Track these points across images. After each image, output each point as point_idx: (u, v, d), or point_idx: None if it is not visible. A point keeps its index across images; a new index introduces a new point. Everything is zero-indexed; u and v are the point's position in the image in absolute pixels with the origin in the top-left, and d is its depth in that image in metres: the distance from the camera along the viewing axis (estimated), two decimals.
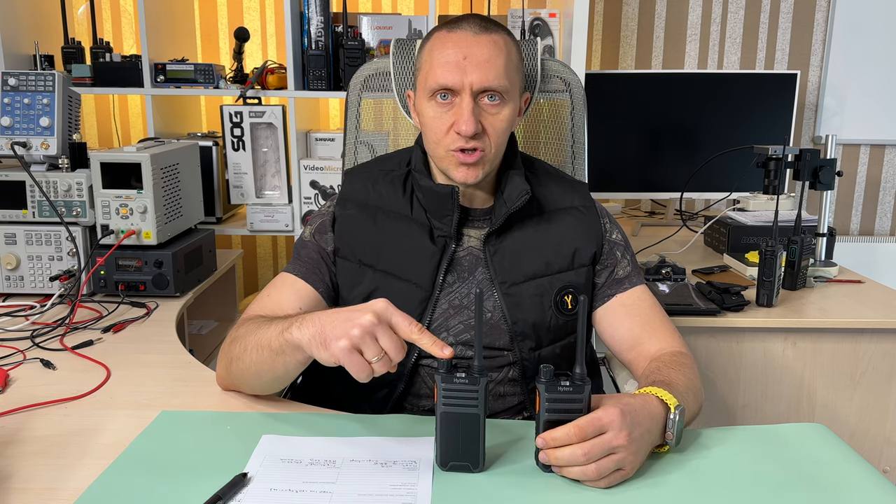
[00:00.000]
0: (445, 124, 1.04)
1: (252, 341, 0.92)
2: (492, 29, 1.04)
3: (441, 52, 1.03)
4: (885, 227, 2.69)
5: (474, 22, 1.04)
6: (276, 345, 0.87)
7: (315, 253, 1.12)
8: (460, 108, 1.02)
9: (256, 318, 0.98)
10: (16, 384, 1.09)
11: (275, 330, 0.88)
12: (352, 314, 0.79)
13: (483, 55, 1.02)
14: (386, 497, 0.76)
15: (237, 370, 0.97)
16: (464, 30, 1.03)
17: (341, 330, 0.78)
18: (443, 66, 1.02)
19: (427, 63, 1.05)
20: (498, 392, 1.10)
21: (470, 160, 1.04)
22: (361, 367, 0.78)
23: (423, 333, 0.79)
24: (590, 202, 1.18)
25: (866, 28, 2.50)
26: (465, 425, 0.80)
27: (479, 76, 1.01)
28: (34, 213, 1.51)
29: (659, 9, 2.53)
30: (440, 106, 1.04)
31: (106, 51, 2.00)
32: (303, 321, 0.84)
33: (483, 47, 1.02)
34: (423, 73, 1.06)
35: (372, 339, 0.78)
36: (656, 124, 2.26)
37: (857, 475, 0.83)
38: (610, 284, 1.14)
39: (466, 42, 1.02)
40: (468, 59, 1.01)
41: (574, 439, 0.78)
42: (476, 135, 1.02)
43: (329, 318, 0.81)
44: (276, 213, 2.01)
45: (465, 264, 1.11)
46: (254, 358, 0.92)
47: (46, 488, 0.80)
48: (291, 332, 0.84)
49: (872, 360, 1.57)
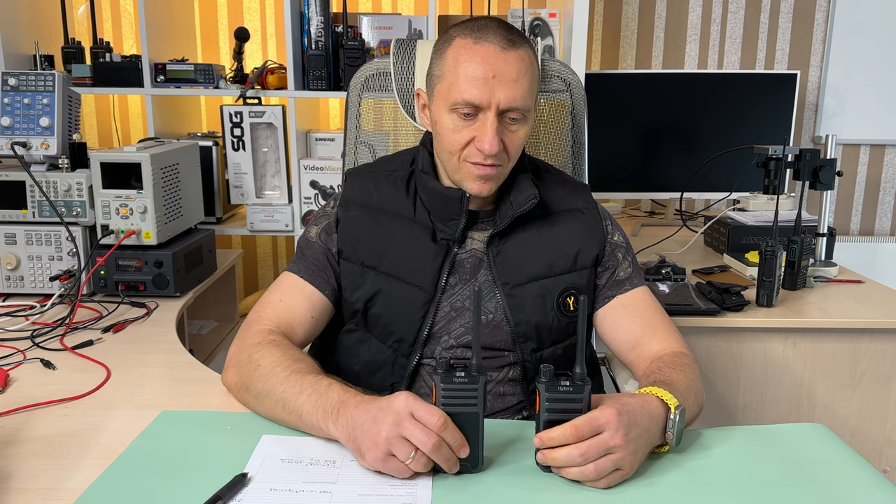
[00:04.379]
0: (465, 138, 1.02)
1: (279, 393, 0.90)
2: (517, 42, 1.01)
3: (468, 66, 1.00)
4: (885, 227, 2.69)
5: (500, 33, 1.01)
6: (307, 421, 0.87)
7: (321, 254, 1.12)
8: (484, 125, 1.00)
9: (281, 355, 0.96)
10: (16, 384, 1.09)
11: (307, 403, 0.87)
12: (378, 415, 0.79)
13: (511, 74, 0.99)
14: (386, 497, 0.76)
15: (254, 406, 0.96)
16: (491, 42, 1.00)
17: (371, 441, 0.78)
18: (469, 82, 0.99)
19: (451, 73, 1.02)
20: (498, 391, 1.10)
21: (489, 174, 1.03)
22: (400, 470, 0.78)
23: (447, 428, 0.78)
24: (592, 204, 1.18)
25: (866, 28, 2.50)
26: (464, 425, 0.80)
27: (506, 96, 0.99)
28: (34, 213, 1.51)
29: (659, 9, 2.53)
30: (461, 120, 1.02)
31: (106, 51, 2.00)
32: (337, 417, 0.83)
33: (512, 65, 0.99)
34: (446, 83, 1.03)
35: (400, 440, 0.77)
36: (656, 124, 2.26)
37: (857, 475, 0.83)
38: (611, 286, 1.14)
39: (495, 58, 0.99)
40: (497, 78, 0.99)
41: (570, 439, 0.78)
42: (497, 153, 1.01)
43: (359, 421, 0.81)
44: (276, 213, 2.01)
45: (468, 266, 1.11)
46: (278, 412, 0.91)
47: (46, 488, 0.80)
48: (328, 425, 0.84)
49: (872, 360, 1.57)
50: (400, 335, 1.09)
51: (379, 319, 1.09)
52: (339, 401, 0.85)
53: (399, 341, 1.09)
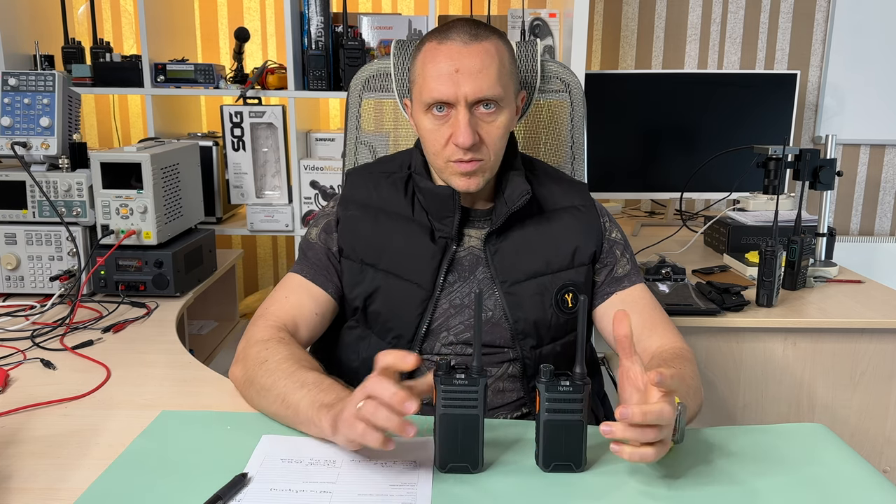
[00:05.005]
0: (443, 136, 1.04)
1: (280, 388, 0.91)
2: (482, 36, 1.03)
3: (433, 66, 1.03)
4: (885, 227, 2.69)
5: (464, 30, 1.03)
6: (303, 416, 0.87)
7: (322, 255, 1.13)
8: (457, 120, 1.02)
9: (287, 352, 0.96)
10: (16, 384, 1.09)
11: (305, 399, 0.87)
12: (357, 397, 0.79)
13: (475, 65, 1.01)
14: (386, 497, 0.77)
15: (257, 401, 0.96)
16: (453, 40, 1.03)
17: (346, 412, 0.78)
18: (436, 80, 1.02)
19: (420, 76, 1.06)
20: (497, 387, 1.11)
21: (469, 169, 1.05)
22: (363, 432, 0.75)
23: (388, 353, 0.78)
24: (589, 201, 1.19)
25: (866, 28, 2.50)
26: (464, 426, 0.80)
27: (472, 87, 1.01)
28: (34, 213, 1.51)
29: (659, 9, 2.53)
30: (437, 119, 1.04)
31: (106, 51, 2.00)
32: (330, 409, 0.83)
33: (474, 57, 1.02)
34: (418, 86, 1.06)
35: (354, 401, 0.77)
36: (656, 124, 2.26)
37: (857, 475, 0.83)
38: (609, 282, 1.15)
39: (458, 53, 1.02)
40: (461, 72, 1.01)
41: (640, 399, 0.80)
42: (474, 145, 1.03)
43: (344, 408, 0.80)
44: (276, 213, 2.01)
45: (466, 264, 1.11)
46: (276, 407, 0.91)
47: (46, 488, 0.80)
48: (321, 418, 0.84)
49: (872, 360, 1.57)
50: (399, 332, 1.10)
51: (378, 316, 1.10)
52: (337, 398, 0.85)
53: (398, 338, 1.10)
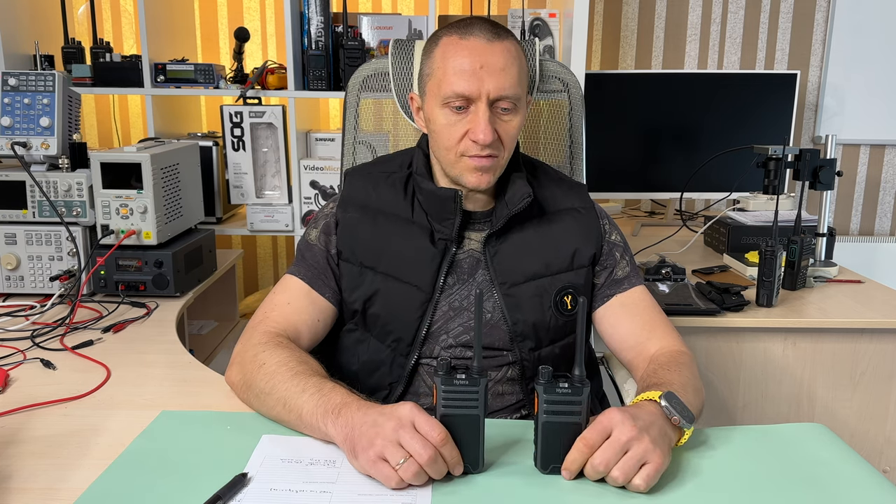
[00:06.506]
0: (459, 132, 1.04)
1: (281, 392, 0.90)
2: (503, 35, 1.04)
3: (455, 60, 1.02)
4: (885, 227, 2.69)
5: (485, 28, 1.03)
6: (307, 420, 0.87)
7: (321, 257, 1.12)
8: (476, 116, 1.02)
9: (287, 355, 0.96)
10: (16, 384, 1.09)
11: (308, 402, 0.87)
12: (378, 419, 0.79)
13: (499, 63, 1.01)
14: (386, 497, 0.76)
15: (256, 404, 0.96)
16: (476, 36, 1.02)
17: (367, 441, 0.78)
18: (458, 74, 1.01)
19: (440, 69, 1.04)
20: (497, 391, 1.10)
21: (485, 164, 1.04)
22: (388, 476, 0.76)
23: (446, 444, 0.78)
24: (589, 203, 1.19)
25: (866, 28, 2.50)
26: (465, 427, 0.80)
27: (495, 85, 1.01)
28: (34, 213, 1.51)
29: (659, 9, 2.53)
30: (455, 114, 1.03)
31: (106, 51, 2.00)
32: (337, 416, 0.83)
33: (498, 55, 1.01)
34: (436, 79, 1.05)
35: (395, 445, 0.77)
36: (656, 124, 2.26)
37: (857, 475, 0.83)
38: (609, 285, 1.14)
39: (481, 50, 1.01)
40: (484, 68, 1.01)
41: (586, 451, 0.78)
42: (492, 143, 1.02)
43: (359, 423, 0.80)
44: (276, 213, 2.01)
45: (465, 266, 1.11)
46: (278, 411, 0.91)
47: (46, 488, 0.80)
48: (327, 425, 0.84)
49: (872, 360, 1.57)
50: (398, 335, 1.09)
51: (377, 319, 1.10)
52: (342, 402, 0.85)
53: (397, 341, 1.09)
